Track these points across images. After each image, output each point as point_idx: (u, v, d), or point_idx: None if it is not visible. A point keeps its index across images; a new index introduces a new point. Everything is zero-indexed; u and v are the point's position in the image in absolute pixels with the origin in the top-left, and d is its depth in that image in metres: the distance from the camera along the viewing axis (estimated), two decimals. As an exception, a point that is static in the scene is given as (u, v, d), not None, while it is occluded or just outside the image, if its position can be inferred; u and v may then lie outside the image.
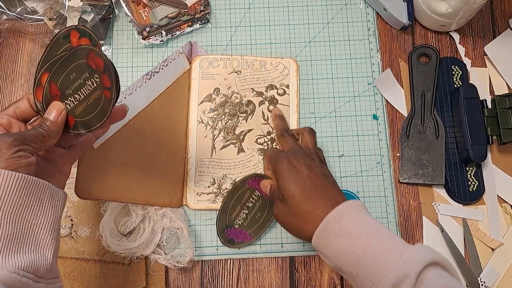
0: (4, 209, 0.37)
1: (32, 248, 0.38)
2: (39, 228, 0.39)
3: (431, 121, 0.66)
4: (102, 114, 0.42)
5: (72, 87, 0.43)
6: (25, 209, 0.38)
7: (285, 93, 0.66)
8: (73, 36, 0.44)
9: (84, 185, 0.51)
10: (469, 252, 0.62)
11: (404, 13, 0.68)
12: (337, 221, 0.45)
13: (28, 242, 0.38)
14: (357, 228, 0.44)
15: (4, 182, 0.37)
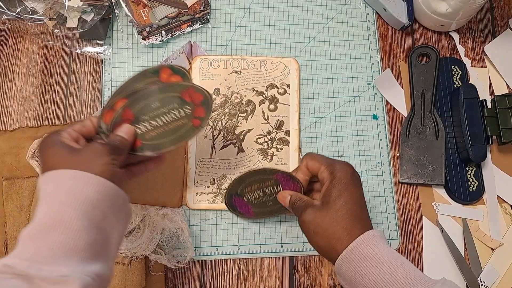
0: (95, 216, 0.39)
1: (104, 257, 0.39)
2: (112, 240, 0.41)
3: (431, 121, 0.66)
4: (179, 139, 0.49)
5: (150, 114, 0.48)
6: (108, 219, 0.40)
7: (286, 92, 0.66)
8: (164, 72, 0.49)
9: None
10: (469, 252, 0.62)
11: (404, 13, 0.68)
12: (365, 246, 0.44)
13: (103, 251, 0.39)
14: (384, 255, 0.43)
15: (101, 189, 0.39)
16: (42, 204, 0.40)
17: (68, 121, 0.67)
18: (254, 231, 0.63)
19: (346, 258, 0.44)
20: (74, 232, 0.37)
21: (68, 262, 0.36)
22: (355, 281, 0.44)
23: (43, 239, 0.36)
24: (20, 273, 0.34)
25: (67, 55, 0.70)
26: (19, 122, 0.67)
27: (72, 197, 0.39)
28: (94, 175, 0.40)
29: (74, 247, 0.37)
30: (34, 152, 0.64)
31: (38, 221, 0.38)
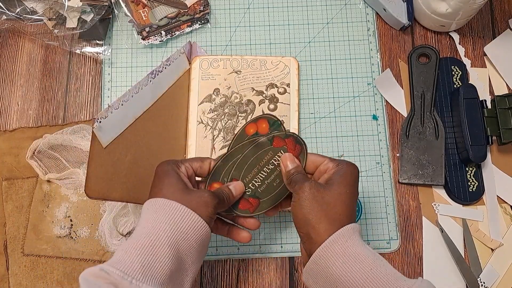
0: (186, 249, 0.43)
1: (178, 287, 0.43)
2: (189, 273, 0.44)
3: (431, 122, 0.66)
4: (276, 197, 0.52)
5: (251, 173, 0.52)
6: (193, 254, 0.44)
7: (286, 91, 0.66)
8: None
9: (94, 185, 0.52)
10: (468, 253, 0.62)
11: (403, 13, 0.68)
12: (345, 240, 0.43)
13: (179, 281, 0.43)
14: (362, 251, 0.43)
15: (200, 231, 0.44)
16: (144, 224, 0.43)
17: (68, 121, 0.67)
18: (253, 231, 0.63)
19: (326, 251, 0.43)
20: (162, 258, 0.41)
21: (152, 283, 0.40)
22: (331, 277, 0.42)
23: (137, 256, 0.40)
24: (114, 281, 0.38)
25: (66, 55, 0.70)
26: (18, 123, 0.67)
27: (170, 227, 0.43)
28: (197, 215, 0.44)
29: (159, 270, 0.41)
30: (34, 152, 0.64)
31: (136, 238, 0.42)
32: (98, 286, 0.37)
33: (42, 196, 0.63)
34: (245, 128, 0.52)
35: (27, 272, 0.61)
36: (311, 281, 0.45)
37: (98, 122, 0.52)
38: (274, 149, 0.52)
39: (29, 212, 0.63)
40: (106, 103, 0.67)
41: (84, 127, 0.65)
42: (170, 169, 0.47)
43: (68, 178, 0.63)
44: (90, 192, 0.51)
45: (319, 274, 0.44)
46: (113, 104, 0.54)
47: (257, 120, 0.52)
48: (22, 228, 0.62)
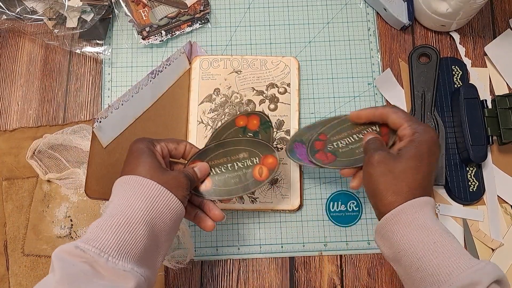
0: (160, 227, 0.43)
1: (152, 264, 0.43)
2: (161, 250, 0.44)
3: (431, 121, 0.66)
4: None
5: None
6: (166, 232, 0.44)
7: (286, 91, 0.66)
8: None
9: (94, 185, 0.52)
10: (469, 253, 0.62)
11: (404, 13, 0.68)
12: (413, 211, 0.43)
13: (152, 258, 0.43)
14: (430, 224, 0.43)
15: (176, 210, 0.44)
16: (118, 202, 0.43)
17: (68, 121, 0.67)
18: (254, 231, 0.63)
19: (393, 218, 0.43)
20: (137, 235, 0.41)
21: (128, 260, 0.39)
22: (395, 243, 0.43)
23: (112, 234, 0.40)
24: (89, 258, 0.37)
25: (66, 55, 0.70)
26: (18, 122, 0.67)
27: (146, 206, 0.42)
28: (174, 196, 0.44)
29: (134, 248, 0.40)
30: (34, 152, 0.64)
31: (109, 216, 0.41)
32: (73, 264, 0.37)
33: (42, 196, 0.63)
34: (236, 119, 0.53)
35: (27, 272, 0.61)
36: (380, 242, 0.46)
37: (98, 122, 0.52)
38: None
39: (29, 212, 0.63)
40: (106, 103, 0.67)
41: (84, 127, 0.65)
42: (145, 147, 0.47)
43: (68, 178, 0.63)
44: (90, 192, 0.51)
45: (386, 237, 0.44)
46: (113, 104, 0.54)
47: (249, 115, 0.53)
48: (22, 228, 0.62)
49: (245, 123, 0.53)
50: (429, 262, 0.41)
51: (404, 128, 0.48)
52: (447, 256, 0.40)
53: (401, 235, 0.43)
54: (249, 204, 0.62)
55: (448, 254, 0.40)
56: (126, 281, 0.38)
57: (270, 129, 0.53)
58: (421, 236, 0.42)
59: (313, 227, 0.63)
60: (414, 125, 0.48)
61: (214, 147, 0.53)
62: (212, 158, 0.53)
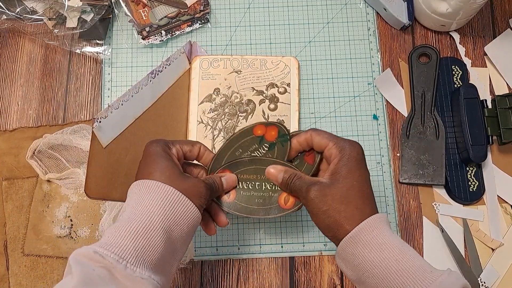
0: (177, 234, 0.43)
1: (168, 271, 0.43)
2: (177, 257, 0.44)
3: (431, 121, 0.66)
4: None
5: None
6: (183, 239, 0.44)
7: (286, 91, 0.66)
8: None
9: (94, 184, 0.51)
10: (469, 253, 0.62)
11: (404, 13, 0.68)
12: (370, 230, 0.42)
13: (168, 265, 0.43)
14: (389, 241, 0.42)
15: (193, 218, 0.44)
16: (135, 206, 0.42)
17: (68, 121, 0.67)
18: (254, 231, 0.63)
19: (351, 241, 0.43)
20: (155, 243, 0.40)
21: (145, 267, 0.39)
22: (358, 266, 0.43)
23: (131, 241, 0.39)
24: (108, 265, 0.37)
25: (66, 55, 0.70)
26: (18, 122, 0.67)
27: (164, 213, 0.42)
28: (193, 204, 0.44)
29: (151, 255, 0.40)
30: (34, 152, 0.64)
31: (128, 221, 0.41)
32: (92, 269, 0.37)
33: (42, 196, 0.63)
34: (254, 128, 0.52)
35: (27, 272, 0.61)
36: (343, 266, 0.45)
37: (98, 122, 0.52)
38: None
39: (29, 212, 0.63)
40: (106, 103, 0.67)
41: (84, 127, 0.65)
42: (162, 150, 0.46)
43: (68, 178, 0.63)
44: (90, 192, 0.51)
45: (347, 260, 0.44)
46: (113, 104, 0.54)
47: (268, 125, 0.52)
48: (22, 228, 0.62)
49: (263, 132, 0.52)
50: (394, 281, 0.40)
51: (330, 148, 0.47)
52: (411, 273, 0.40)
53: (362, 257, 0.42)
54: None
55: (411, 271, 0.40)
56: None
57: (287, 142, 0.51)
58: (382, 255, 0.41)
59: (313, 227, 0.63)
60: (339, 143, 0.47)
61: (248, 162, 0.52)
62: (243, 172, 0.51)
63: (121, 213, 0.43)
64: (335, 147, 0.46)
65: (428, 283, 0.39)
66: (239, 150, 0.52)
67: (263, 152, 0.51)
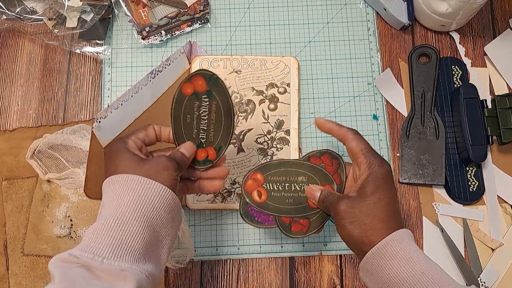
0: (153, 219, 0.42)
1: (157, 259, 0.43)
2: (165, 244, 0.44)
3: (431, 121, 0.66)
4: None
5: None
6: (164, 225, 0.43)
7: (286, 91, 0.66)
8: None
9: (93, 184, 0.51)
10: (469, 253, 0.62)
11: (404, 13, 0.68)
12: (397, 243, 0.44)
13: (156, 253, 0.43)
14: (415, 255, 0.43)
15: (166, 199, 0.43)
16: (107, 204, 0.43)
17: (68, 121, 0.67)
18: (254, 231, 0.63)
19: (378, 252, 0.44)
20: (132, 232, 0.40)
21: (126, 259, 0.39)
22: (382, 278, 0.43)
23: (105, 236, 0.39)
24: (84, 263, 0.38)
25: (66, 55, 0.70)
26: (18, 122, 0.67)
27: (134, 200, 0.42)
28: (160, 184, 0.43)
29: (131, 245, 0.40)
30: (34, 152, 0.64)
31: (102, 219, 0.41)
32: (70, 270, 0.37)
33: (42, 196, 0.63)
34: (181, 89, 0.49)
35: (27, 272, 0.61)
36: (366, 279, 0.46)
37: (98, 122, 0.52)
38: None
39: (29, 212, 0.63)
40: (106, 103, 0.67)
41: (84, 127, 0.65)
42: (119, 146, 0.46)
43: (68, 178, 0.63)
44: (89, 192, 0.51)
45: (372, 272, 0.45)
46: (112, 104, 0.54)
47: (191, 79, 0.48)
48: (22, 228, 0.62)
49: (192, 89, 0.49)
50: None
51: (361, 162, 0.49)
52: (437, 284, 0.41)
53: (388, 269, 0.43)
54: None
55: (437, 284, 0.41)
56: (125, 280, 0.38)
57: (218, 81, 0.48)
58: (407, 268, 0.42)
59: (313, 227, 0.63)
60: (370, 159, 0.48)
61: (277, 164, 0.54)
62: (273, 174, 0.53)
63: (98, 214, 0.43)
64: (365, 162, 0.48)
65: None
66: (188, 116, 0.50)
67: (206, 105, 0.49)
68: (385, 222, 0.45)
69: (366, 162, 0.48)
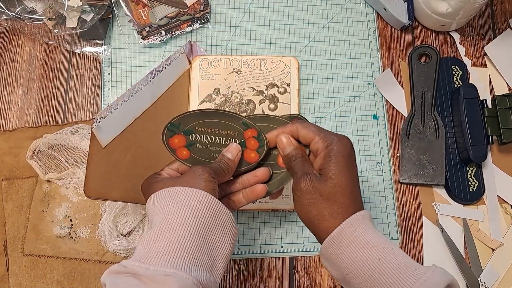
0: (198, 224, 0.41)
1: (209, 268, 0.41)
2: (218, 253, 0.43)
3: (431, 121, 0.66)
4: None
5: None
6: (211, 231, 0.42)
7: (286, 91, 0.66)
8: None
9: (93, 185, 0.51)
10: (469, 253, 0.62)
11: (404, 13, 0.68)
12: (352, 230, 0.42)
13: (208, 261, 0.41)
14: (372, 240, 0.42)
15: (202, 200, 0.42)
16: (152, 219, 0.43)
17: (68, 121, 0.67)
18: (254, 231, 0.63)
19: (333, 241, 0.42)
20: (178, 237, 0.40)
21: (174, 264, 0.39)
22: (341, 266, 0.42)
23: (153, 245, 0.40)
24: (131, 271, 0.38)
25: (66, 55, 0.70)
26: (18, 122, 0.67)
27: (175, 207, 0.42)
28: (195, 188, 0.43)
29: (179, 250, 0.39)
30: (34, 152, 0.64)
31: (150, 231, 0.42)
32: (119, 278, 0.38)
33: (42, 196, 0.63)
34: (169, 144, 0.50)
35: (27, 272, 0.61)
36: (327, 265, 0.45)
37: (97, 122, 0.52)
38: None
39: (29, 212, 0.63)
40: (106, 102, 0.67)
41: (84, 127, 0.65)
42: (152, 179, 0.47)
43: (68, 178, 0.63)
44: (89, 192, 0.51)
45: (331, 260, 0.44)
46: (112, 104, 0.54)
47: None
48: (22, 228, 0.62)
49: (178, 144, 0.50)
50: (378, 281, 0.40)
51: (316, 142, 0.45)
52: (394, 272, 0.39)
53: (345, 257, 0.42)
54: (249, 204, 0.62)
55: (394, 270, 0.39)
56: (168, 285, 0.37)
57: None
58: (364, 255, 0.41)
59: (313, 227, 0.63)
60: (326, 137, 0.45)
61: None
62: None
63: (146, 233, 0.44)
64: (322, 141, 0.45)
65: (413, 281, 0.38)
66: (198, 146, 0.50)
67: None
68: (344, 206, 0.43)
69: (322, 141, 0.45)
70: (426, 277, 0.38)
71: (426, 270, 0.39)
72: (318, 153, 0.45)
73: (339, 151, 0.44)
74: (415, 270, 0.39)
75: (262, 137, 0.50)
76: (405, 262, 0.40)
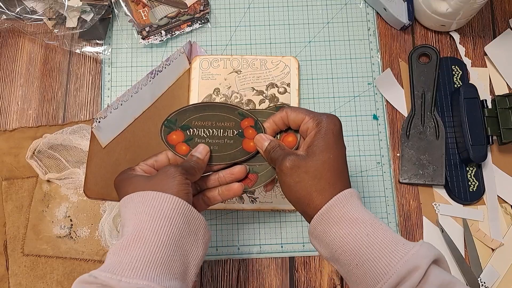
0: (171, 232, 0.40)
1: (182, 275, 0.41)
2: (190, 259, 0.42)
3: (431, 121, 0.66)
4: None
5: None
6: (184, 238, 0.42)
7: (286, 91, 0.66)
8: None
9: (93, 185, 0.51)
10: (469, 253, 0.62)
11: (404, 13, 0.68)
12: (341, 206, 0.42)
13: (181, 267, 0.41)
14: (361, 216, 0.41)
15: (175, 206, 0.41)
16: (124, 224, 0.42)
17: (68, 121, 0.67)
18: (254, 231, 0.63)
19: (322, 218, 0.42)
20: (151, 247, 0.39)
21: (146, 276, 0.38)
22: (330, 243, 0.42)
23: (125, 254, 0.39)
24: (102, 283, 0.37)
25: (66, 55, 0.70)
26: (18, 122, 0.67)
27: (148, 215, 0.41)
28: (168, 194, 0.42)
29: (151, 261, 0.39)
30: (34, 152, 0.64)
31: (121, 239, 0.40)
32: None
33: (42, 196, 0.63)
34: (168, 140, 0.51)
35: (27, 272, 0.61)
36: (316, 244, 0.45)
37: (97, 122, 0.52)
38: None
39: (29, 212, 0.63)
40: (106, 103, 0.67)
41: (84, 127, 0.65)
42: (124, 174, 0.47)
43: (68, 178, 0.63)
44: (89, 193, 0.51)
45: (320, 238, 0.43)
46: (112, 104, 0.54)
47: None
48: (22, 228, 0.62)
49: (176, 140, 0.51)
50: (366, 256, 0.40)
51: (306, 122, 0.45)
52: (382, 247, 0.39)
53: (333, 234, 0.41)
54: (249, 204, 0.62)
55: (382, 245, 0.39)
56: None
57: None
58: (353, 231, 0.41)
59: (313, 227, 0.63)
60: (316, 117, 0.45)
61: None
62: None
63: (119, 236, 0.43)
64: (312, 120, 0.45)
65: (400, 256, 0.38)
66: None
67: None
68: (331, 183, 0.43)
69: (312, 120, 0.45)
70: (413, 251, 0.38)
71: (414, 245, 0.39)
72: (308, 133, 0.46)
73: (329, 128, 0.44)
74: (403, 245, 0.39)
75: (259, 125, 0.50)
76: (394, 238, 0.40)
